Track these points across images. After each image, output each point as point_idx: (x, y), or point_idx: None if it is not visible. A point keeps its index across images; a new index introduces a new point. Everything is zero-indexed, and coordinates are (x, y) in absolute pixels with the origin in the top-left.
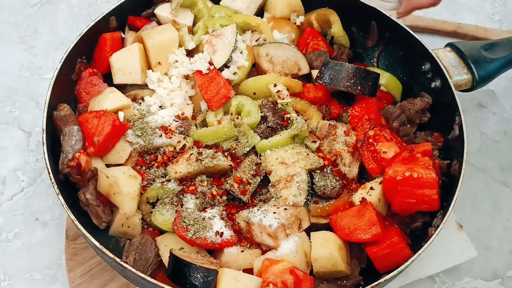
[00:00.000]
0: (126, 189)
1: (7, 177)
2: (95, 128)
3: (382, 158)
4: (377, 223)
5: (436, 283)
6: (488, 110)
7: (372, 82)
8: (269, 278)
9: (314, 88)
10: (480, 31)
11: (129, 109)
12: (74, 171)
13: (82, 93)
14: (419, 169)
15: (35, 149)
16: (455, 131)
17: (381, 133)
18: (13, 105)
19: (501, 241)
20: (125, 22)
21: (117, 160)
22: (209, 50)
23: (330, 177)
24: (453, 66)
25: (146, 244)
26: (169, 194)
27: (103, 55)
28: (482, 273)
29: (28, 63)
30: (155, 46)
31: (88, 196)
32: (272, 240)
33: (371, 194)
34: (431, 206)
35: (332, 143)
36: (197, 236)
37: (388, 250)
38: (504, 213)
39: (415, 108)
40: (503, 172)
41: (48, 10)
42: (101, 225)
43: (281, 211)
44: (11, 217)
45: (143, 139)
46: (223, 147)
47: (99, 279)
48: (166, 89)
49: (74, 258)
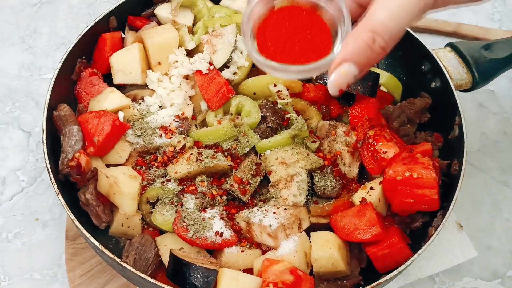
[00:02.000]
0: (126, 189)
1: (7, 177)
2: (95, 128)
3: (382, 158)
4: (377, 223)
5: (436, 283)
6: (488, 110)
7: (372, 82)
8: (269, 278)
9: (314, 88)
10: (480, 31)
11: (129, 109)
12: (74, 171)
13: (82, 93)
14: (419, 169)
15: (35, 149)
16: (455, 131)
17: (381, 133)
18: (13, 105)
19: (501, 241)
20: (125, 22)
21: (117, 160)
22: (209, 50)
23: (330, 177)
24: (453, 66)
25: (146, 244)
26: (169, 194)
27: (103, 55)
28: (482, 273)
29: (28, 63)
30: (155, 46)
31: (88, 196)
32: (272, 240)
33: (371, 194)
34: (431, 206)
35: (332, 143)
36: (197, 236)
37: (388, 250)
38: (504, 213)
39: (415, 108)
40: (503, 172)
41: (48, 10)
42: (101, 225)
43: (281, 211)
44: (11, 217)
45: (143, 139)
46: (223, 147)
47: (99, 279)
48: (166, 89)
49: (74, 258)
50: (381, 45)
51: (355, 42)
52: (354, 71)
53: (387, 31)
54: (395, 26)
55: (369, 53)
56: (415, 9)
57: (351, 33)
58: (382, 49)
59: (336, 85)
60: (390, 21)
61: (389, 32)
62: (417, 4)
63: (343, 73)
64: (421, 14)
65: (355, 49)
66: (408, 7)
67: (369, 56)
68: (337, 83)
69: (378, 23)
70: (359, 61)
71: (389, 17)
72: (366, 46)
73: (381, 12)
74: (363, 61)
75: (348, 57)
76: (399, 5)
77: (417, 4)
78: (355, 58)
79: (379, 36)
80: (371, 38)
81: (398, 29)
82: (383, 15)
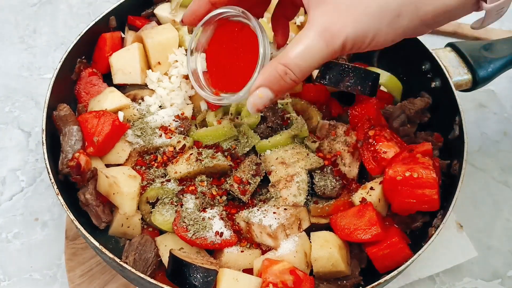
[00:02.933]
0: (126, 189)
1: (6, 177)
2: (95, 128)
3: (382, 158)
4: (377, 223)
5: (436, 283)
6: (489, 110)
7: (372, 82)
8: (269, 278)
9: (314, 88)
10: (480, 31)
11: (128, 109)
12: (73, 171)
13: (81, 93)
14: (419, 169)
15: (34, 149)
16: (455, 131)
17: (381, 133)
18: (13, 105)
19: (501, 241)
20: (124, 22)
21: (116, 160)
22: None
23: (330, 177)
24: (453, 66)
25: (146, 244)
26: (168, 194)
27: (103, 55)
28: (482, 273)
29: (28, 63)
30: (155, 46)
31: (87, 196)
32: (272, 240)
33: (371, 194)
34: (431, 206)
35: (332, 143)
36: (197, 236)
37: (388, 250)
38: (505, 213)
39: (415, 108)
40: (503, 172)
41: (48, 10)
42: (100, 225)
43: (281, 211)
44: (10, 217)
45: (142, 139)
46: (223, 147)
47: (98, 279)
48: (166, 89)
49: (73, 258)
50: (292, 78)
51: (271, 72)
52: (270, 95)
53: (297, 68)
54: (304, 65)
55: (282, 82)
56: (323, 54)
57: (270, 62)
58: (293, 81)
59: (254, 106)
60: (300, 60)
61: (299, 69)
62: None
63: (259, 95)
64: (330, 55)
65: (271, 77)
66: (315, 51)
67: (281, 85)
68: (254, 104)
69: (290, 59)
70: (273, 88)
71: (299, 56)
72: (279, 77)
73: (294, 50)
74: (277, 88)
75: (264, 83)
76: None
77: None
78: (270, 85)
79: (290, 70)
80: (283, 71)
81: (307, 66)
82: (294, 54)
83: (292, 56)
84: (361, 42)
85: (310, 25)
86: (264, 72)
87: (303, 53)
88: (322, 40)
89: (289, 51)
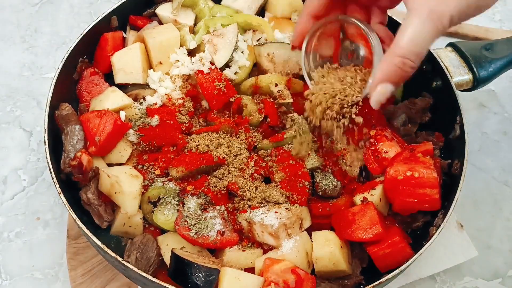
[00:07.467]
0: (128, 189)
1: (8, 177)
2: (97, 128)
3: (383, 157)
4: (378, 223)
5: (437, 283)
6: (489, 110)
7: None
8: (271, 278)
9: None
10: (480, 31)
11: (130, 109)
12: (75, 170)
13: (83, 93)
14: (420, 169)
15: (36, 149)
16: (456, 131)
17: (382, 133)
18: (14, 104)
19: (501, 241)
20: (126, 22)
21: (118, 160)
22: (210, 50)
23: (331, 177)
24: (454, 66)
25: (148, 244)
26: (170, 193)
27: (105, 55)
28: (482, 272)
29: (29, 63)
30: (156, 46)
31: (89, 196)
32: (274, 239)
33: (372, 193)
34: (432, 205)
35: (333, 143)
36: (199, 236)
37: (389, 249)
38: (505, 213)
39: (416, 108)
40: (503, 172)
41: (49, 9)
42: (102, 224)
43: (282, 210)
44: (12, 216)
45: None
46: (223, 147)
47: (100, 278)
48: (168, 89)
49: (75, 257)
50: (410, 65)
51: (389, 67)
52: (391, 88)
53: (413, 54)
54: (419, 50)
55: (402, 73)
56: (433, 34)
57: (384, 57)
58: (412, 68)
59: (378, 102)
60: (414, 46)
61: (415, 55)
62: (434, 31)
63: (382, 91)
64: (439, 34)
65: (390, 72)
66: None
67: (402, 75)
68: (378, 100)
69: (405, 48)
70: (394, 81)
71: (413, 42)
72: (399, 69)
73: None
74: (397, 80)
75: (384, 79)
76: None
77: (434, 30)
78: (390, 79)
79: (407, 59)
80: (401, 62)
81: (422, 50)
82: (406, 42)
83: (405, 46)
84: (465, 14)
85: (414, 12)
86: (382, 68)
87: (415, 39)
88: (430, 22)
89: (400, 42)
